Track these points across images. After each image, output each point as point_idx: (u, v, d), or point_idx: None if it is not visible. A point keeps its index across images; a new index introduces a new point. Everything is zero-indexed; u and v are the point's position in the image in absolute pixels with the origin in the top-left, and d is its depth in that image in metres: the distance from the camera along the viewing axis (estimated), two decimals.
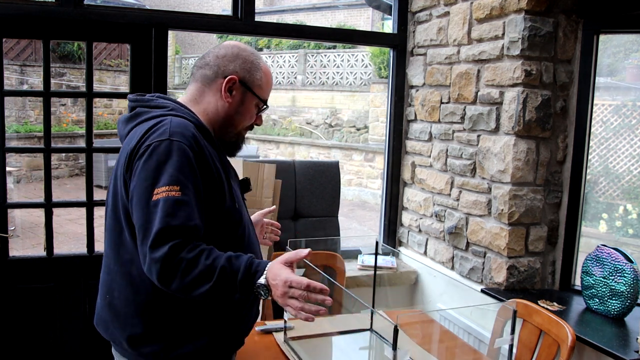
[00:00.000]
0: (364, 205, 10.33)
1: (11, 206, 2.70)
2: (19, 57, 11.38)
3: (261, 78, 1.57)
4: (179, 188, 1.32)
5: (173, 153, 1.35)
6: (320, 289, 1.29)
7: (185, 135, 1.39)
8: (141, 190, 1.35)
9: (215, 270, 1.30)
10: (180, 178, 1.34)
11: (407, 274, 3.11)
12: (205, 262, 1.30)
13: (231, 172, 1.61)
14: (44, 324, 2.61)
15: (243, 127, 1.60)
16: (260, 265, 1.34)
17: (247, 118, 1.58)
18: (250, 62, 1.56)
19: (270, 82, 1.61)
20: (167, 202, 1.31)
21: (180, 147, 1.36)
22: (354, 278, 2.97)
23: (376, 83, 11.35)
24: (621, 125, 3.17)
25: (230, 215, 1.49)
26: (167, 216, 1.30)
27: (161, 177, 1.33)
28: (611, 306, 2.20)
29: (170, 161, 1.35)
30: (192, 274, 1.29)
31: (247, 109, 1.57)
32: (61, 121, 11.58)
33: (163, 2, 18.19)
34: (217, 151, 1.53)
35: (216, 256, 1.32)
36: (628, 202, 3.23)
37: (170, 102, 1.53)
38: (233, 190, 1.52)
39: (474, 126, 2.62)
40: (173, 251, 1.29)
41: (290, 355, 1.95)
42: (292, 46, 14.52)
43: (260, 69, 1.57)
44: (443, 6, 2.84)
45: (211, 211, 1.43)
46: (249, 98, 1.56)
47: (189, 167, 1.36)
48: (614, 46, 2.78)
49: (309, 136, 12.79)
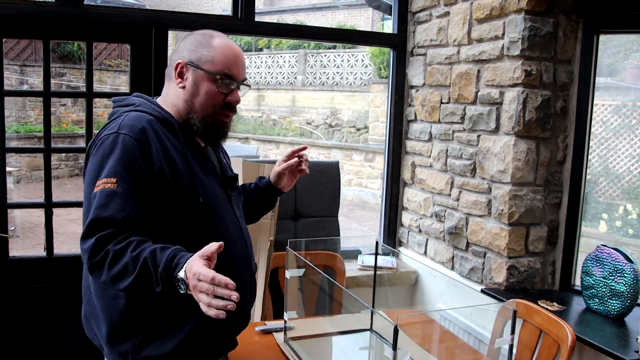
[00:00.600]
0: (364, 205, 10.33)
1: (11, 206, 2.70)
2: (19, 57, 11.37)
3: (209, 53, 1.49)
4: (115, 180, 1.33)
5: (117, 146, 1.37)
6: (225, 284, 1.17)
7: (133, 128, 1.39)
8: (86, 184, 1.39)
9: (139, 262, 1.26)
10: (119, 170, 1.34)
11: (407, 274, 3.11)
12: (131, 254, 1.27)
13: (207, 165, 1.56)
14: (44, 324, 2.61)
15: (206, 110, 1.51)
16: (182, 258, 1.27)
17: (208, 98, 1.50)
18: (197, 42, 1.51)
19: (229, 54, 1.51)
20: (102, 194, 1.32)
21: (125, 140, 1.37)
22: (354, 278, 2.97)
23: (376, 83, 11.35)
24: (621, 125, 3.17)
25: (191, 210, 1.44)
26: (98, 208, 1.31)
27: (103, 170, 1.35)
28: (611, 306, 2.20)
29: (113, 154, 1.36)
30: (118, 266, 1.27)
31: (202, 88, 1.50)
32: (61, 121, 11.58)
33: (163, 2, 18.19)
34: (186, 144, 1.50)
35: (143, 248, 1.29)
36: (628, 202, 3.23)
37: (139, 99, 1.53)
38: (199, 184, 1.47)
39: (474, 126, 2.62)
40: (100, 242, 1.29)
41: (290, 356, 1.95)
42: (292, 46, 14.52)
43: (210, 45, 1.50)
44: (443, 6, 2.84)
45: (164, 204, 1.40)
46: (200, 77, 1.49)
47: (131, 159, 1.36)
48: (614, 46, 2.78)
49: (309, 136, 12.79)
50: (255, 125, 13.72)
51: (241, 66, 1.54)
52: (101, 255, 1.29)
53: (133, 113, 1.46)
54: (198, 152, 1.55)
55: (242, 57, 1.55)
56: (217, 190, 1.56)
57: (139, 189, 1.36)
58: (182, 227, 1.44)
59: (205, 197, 1.48)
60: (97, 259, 1.29)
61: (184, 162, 1.46)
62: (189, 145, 1.52)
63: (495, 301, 2.42)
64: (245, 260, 1.61)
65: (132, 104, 1.52)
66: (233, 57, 1.51)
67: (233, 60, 1.51)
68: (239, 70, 1.53)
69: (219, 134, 1.57)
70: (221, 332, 1.55)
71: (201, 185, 1.48)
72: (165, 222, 1.42)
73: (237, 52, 1.52)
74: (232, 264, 1.53)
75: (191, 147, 1.53)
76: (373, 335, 2.20)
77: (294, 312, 2.17)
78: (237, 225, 1.61)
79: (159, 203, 1.40)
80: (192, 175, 1.46)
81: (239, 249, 1.58)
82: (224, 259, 1.40)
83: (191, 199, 1.44)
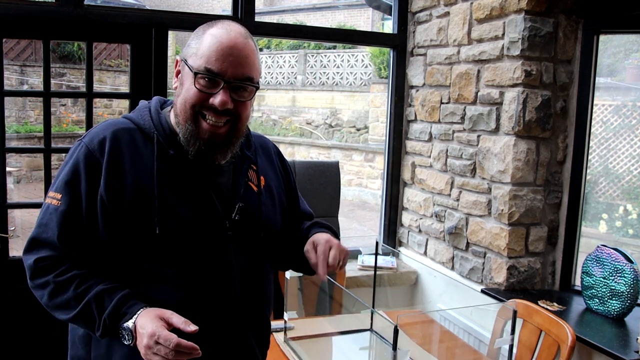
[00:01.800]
0: (364, 205, 10.33)
1: (11, 206, 2.70)
2: (19, 57, 11.37)
3: (198, 44, 1.22)
4: (60, 197, 1.21)
5: (74, 156, 1.24)
6: (190, 348, 1.07)
7: (94, 138, 1.24)
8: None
9: (82, 301, 1.17)
10: (67, 184, 1.21)
11: (407, 274, 3.11)
12: (74, 291, 1.18)
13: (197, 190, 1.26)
14: (43, 324, 2.61)
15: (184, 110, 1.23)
16: (132, 307, 1.15)
17: (186, 98, 1.22)
18: (194, 33, 1.26)
19: (214, 45, 1.20)
20: (47, 210, 1.23)
21: (81, 150, 1.23)
22: (354, 278, 2.97)
23: (376, 83, 11.35)
24: (621, 125, 3.17)
25: (145, 241, 1.20)
26: (40, 226, 1.23)
27: (57, 180, 1.25)
28: (611, 306, 2.20)
29: (68, 164, 1.24)
30: (59, 299, 1.20)
31: (184, 86, 1.24)
32: (61, 121, 11.57)
33: (163, 2, 18.19)
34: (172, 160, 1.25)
35: (88, 286, 1.18)
36: (628, 202, 3.23)
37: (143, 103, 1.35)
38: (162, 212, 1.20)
39: (474, 126, 2.62)
40: (39, 266, 1.21)
41: (291, 356, 1.95)
42: (292, 46, 14.51)
43: (201, 36, 1.23)
44: (443, 6, 2.84)
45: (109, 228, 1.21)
46: (185, 74, 1.24)
47: (77, 173, 1.21)
48: (614, 46, 2.78)
49: (309, 136, 12.79)
50: (255, 126, 13.71)
51: (234, 61, 1.20)
52: (41, 282, 1.21)
53: (110, 120, 1.30)
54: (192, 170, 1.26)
55: (242, 50, 1.21)
56: (205, 224, 1.25)
57: (82, 207, 1.21)
58: (134, 260, 1.22)
59: (167, 229, 1.20)
60: (37, 284, 1.23)
61: (149, 183, 1.21)
62: (176, 162, 1.25)
63: (495, 301, 2.42)
64: (231, 316, 1.28)
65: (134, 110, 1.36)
66: (221, 48, 1.19)
67: (220, 52, 1.19)
68: (229, 65, 1.20)
69: (209, 146, 1.24)
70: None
71: (165, 213, 1.21)
72: (111, 248, 1.22)
73: (230, 43, 1.20)
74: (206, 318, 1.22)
75: (179, 164, 1.25)
76: (373, 335, 2.20)
77: (294, 312, 2.17)
78: (229, 271, 1.27)
79: (103, 225, 1.21)
80: (155, 201, 1.20)
81: (224, 300, 1.26)
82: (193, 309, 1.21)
83: (144, 228, 1.20)
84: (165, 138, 1.26)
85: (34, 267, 1.21)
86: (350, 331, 2.31)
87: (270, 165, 1.49)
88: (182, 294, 1.22)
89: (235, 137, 1.27)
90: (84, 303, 1.17)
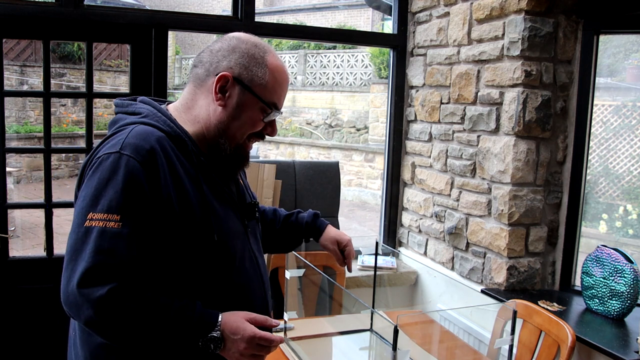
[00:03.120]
0: (364, 205, 10.33)
1: (11, 206, 2.70)
2: (19, 57, 11.37)
3: (264, 75, 1.27)
4: (119, 218, 1.12)
5: (119, 171, 1.14)
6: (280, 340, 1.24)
7: (139, 149, 1.16)
8: (77, 210, 1.17)
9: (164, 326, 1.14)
10: (123, 204, 1.13)
11: (407, 275, 3.11)
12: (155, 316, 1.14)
13: (224, 193, 1.32)
14: (43, 324, 2.61)
15: (241, 137, 1.30)
16: (212, 317, 1.19)
17: (246, 126, 1.28)
18: (250, 55, 1.27)
19: (281, 81, 1.30)
20: (103, 235, 1.11)
21: (129, 164, 1.14)
22: (353, 278, 2.97)
23: (376, 83, 11.36)
24: (621, 125, 3.17)
25: (204, 249, 1.23)
26: (102, 252, 1.10)
27: (100, 199, 1.13)
28: (611, 307, 2.20)
29: (114, 181, 1.14)
30: (136, 327, 1.12)
31: (246, 113, 1.28)
32: (61, 121, 11.58)
33: (163, 3, 18.20)
34: (202, 169, 1.27)
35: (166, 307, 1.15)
36: (628, 202, 3.23)
37: (147, 108, 1.29)
38: (214, 219, 1.24)
39: (474, 126, 2.62)
40: (114, 296, 1.09)
41: (290, 356, 1.95)
42: (292, 47, 14.52)
43: (264, 64, 1.27)
44: (443, 7, 2.84)
45: (172, 241, 1.19)
46: (247, 100, 1.27)
47: (137, 189, 1.14)
48: (614, 47, 2.78)
49: (309, 136, 12.79)
50: None
51: (285, 95, 1.35)
52: (116, 312, 1.11)
53: (140, 128, 1.21)
54: (214, 177, 1.30)
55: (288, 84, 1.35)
56: (234, 223, 1.33)
57: (147, 226, 1.16)
58: (193, 267, 1.23)
59: (221, 234, 1.26)
60: (111, 314, 1.11)
61: (197, 192, 1.23)
62: (204, 170, 1.28)
63: (495, 301, 2.42)
64: (262, 295, 1.42)
65: (139, 113, 1.29)
66: (285, 83, 1.32)
67: (284, 87, 1.32)
68: (284, 98, 1.35)
69: (243, 162, 1.36)
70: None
71: (217, 219, 1.25)
72: (173, 260, 1.21)
73: (288, 77, 1.33)
74: (249, 302, 1.34)
75: (206, 171, 1.29)
76: (373, 335, 2.20)
77: (294, 312, 2.17)
78: (255, 260, 1.40)
79: (167, 240, 1.19)
80: (207, 207, 1.24)
81: (256, 285, 1.39)
82: (241, 298, 1.32)
83: (204, 236, 1.22)
84: (194, 145, 1.29)
85: (106, 296, 1.09)
86: (350, 331, 2.31)
87: None
88: (231, 290, 1.30)
89: None
90: (167, 327, 1.14)
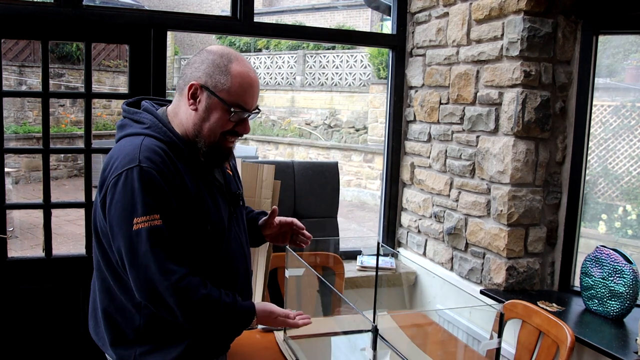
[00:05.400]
0: (363, 206, 10.33)
1: (10, 207, 2.70)
2: (17, 57, 11.37)
3: (227, 81, 1.46)
4: (159, 216, 1.37)
5: (146, 180, 1.38)
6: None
7: (154, 161, 1.40)
8: (118, 219, 1.39)
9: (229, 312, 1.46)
10: (157, 205, 1.38)
11: (406, 275, 3.11)
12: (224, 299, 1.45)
13: (214, 185, 1.57)
14: (42, 325, 2.60)
15: (214, 136, 1.50)
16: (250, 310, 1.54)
17: (216, 126, 1.49)
18: (216, 65, 1.47)
19: (244, 84, 1.48)
20: (153, 233, 1.36)
21: (150, 173, 1.38)
22: (353, 279, 2.96)
23: (375, 84, 11.36)
24: (620, 126, 3.17)
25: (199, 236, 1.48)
26: (158, 246, 1.36)
27: (137, 205, 1.36)
28: (610, 307, 2.19)
29: (144, 189, 1.37)
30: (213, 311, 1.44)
31: (214, 115, 1.48)
32: (60, 122, 11.56)
33: (162, 3, 18.20)
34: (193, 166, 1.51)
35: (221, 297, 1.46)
36: (627, 203, 3.23)
37: (150, 119, 1.51)
38: (207, 210, 1.50)
39: (473, 127, 2.62)
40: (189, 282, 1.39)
41: (288, 355, 1.94)
42: (291, 47, 14.52)
43: (227, 72, 1.47)
44: (442, 7, 2.84)
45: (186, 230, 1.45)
46: (214, 103, 1.47)
47: (161, 192, 1.39)
48: (613, 47, 2.78)
49: (308, 137, 12.79)
50: (254, 126, 13.70)
51: (256, 95, 1.52)
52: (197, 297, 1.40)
53: (147, 142, 1.45)
54: (205, 172, 1.54)
55: (258, 85, 1.53)
56: (223, 211, 1.57)
57: (175, 219, 1.41)
58: (192, 246, 1.48)
59: (213, 220, 1.51)
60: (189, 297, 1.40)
61: (195, 188, 1.48)
62: (197, 167, 1.52)
63: (490, 302, 2.41)
64: (246, 274, 1.67)
65: (143, 122, 1.51)
66: (249, 87, 1.49)
67: (249, 91, 1.49)
68: (253, 99, 1.51)
69: (223, 158, 1.56)
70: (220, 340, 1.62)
71: (209, 210, 1.50)
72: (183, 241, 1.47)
73: (253, 81, 1.50)
74: (235, 280, 1.60)
75: (198, 168, 1.52)
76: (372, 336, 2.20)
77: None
78: (239, 242, 1.64)
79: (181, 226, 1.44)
80: (202, 199, 1.49)
81: (241, 265, 1.63)
82: (228, 268, 1.57)
83: (200, 222, 1.48)
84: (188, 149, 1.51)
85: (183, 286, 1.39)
86: (350, 331, 2.30)
87: None
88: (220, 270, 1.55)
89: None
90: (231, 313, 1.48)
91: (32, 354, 2.60)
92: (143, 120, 1.52)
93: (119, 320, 1.52)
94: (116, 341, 1.52)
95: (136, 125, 1.52)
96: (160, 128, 1.49)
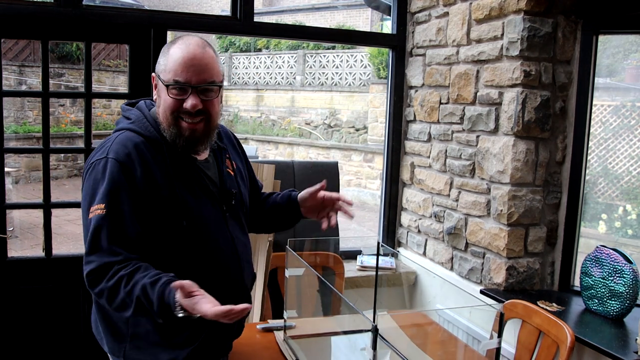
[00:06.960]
0: (363, 206, 10.33)
1: (10, 207, 2.70)
2: (17, 57, 11.36)
3: (165, 61, 1.49)
4: (104, 206, 1.40)
5: (107, 171, 1.43)
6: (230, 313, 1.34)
7: (120, 153, 1.45)
8: (83, 208, 1.47)
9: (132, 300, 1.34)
10: (110, 196, 1.41)
11: (406, 275, 3.11)
12: (124, 290, 1.35)
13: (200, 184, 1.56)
14: (42, 324, 2.60)
15: (167, 117, 1.50)
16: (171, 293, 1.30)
17: (166, 107, 1.49)
18: (162, 51, 1.53)
19: (179, 60, 1.45)
20: (95, 221, 1.40)
21: (114, 165, 1.43)
22: (353, 279, 2.96)
23: (375, 84, 11.35)
24: (620, 125, 3.17)
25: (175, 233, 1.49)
26: (93, 236, 1.40)
27: (96, 195, 1.42)
28: (610, 307, 2.19)
29: (104, 179, 1.43)
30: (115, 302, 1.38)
31: (161, 97, 1.51)
32: (60, 122, 11.56)
33: (162, 3, 18.20)
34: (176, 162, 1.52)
35: (134, 283, 1.35)
36: (627, 202, 3.23)
37: (136, 114, 1.56)
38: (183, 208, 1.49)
39: (473, 127, 2.62)
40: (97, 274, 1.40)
41: (288, 355, 1.94)
42: (291, 47, 14.51)
43: (166, 54, 1.49)
44: (442, 7, 2.84)
45: (148, 226, 1.46)
46: (160, 87, 1.51)
47: (119, 183, 1.42)
48: (613, 47, 2.78)
49: (308, 137, 12.79)
50: (254, 126, 13.71)
51: (196, 69, 1.45)
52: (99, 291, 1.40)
53: (122, 135, 1.50)
54: (190, 169, 1.54)
55: (201, 60, 1.46)
56: (208, 210, 1.56)
57: (129, 210, 1.43)
58: (168, 248, 1.49)
59: (191, 220, 1.51)
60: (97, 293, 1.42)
61: (168, 186, 1.48)
62: (179, 164, 1.52)
63: (490, 302, 2.41)
64: (238, 275, 1.63)
65: (129, 118, 1.57)
66: (183, 61, 1.45)
67: (183, 64, 1.45)
68: (190, 74, 1.45)
69: (191, 141, 1.52)
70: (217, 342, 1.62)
71: (186, 208, 1.50)
72: (151, 242, 1.47)
73: (190, 55, 1.46)
74: (222, 280, 1.57)
75: (181, 165, 1.53)
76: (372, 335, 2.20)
77: (293, 311, 2.17)
78: (231, 242, 1.61)
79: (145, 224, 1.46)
80: (177, 198, 1.49)
81: (232, 264, 1.61)
82: (213, 276, 1.54)
83: (174, 222, 1.48)
84: (169, 144, 1.51)
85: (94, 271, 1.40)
86: (350, 331, 2.30)
87: (234, 150, 1.79)
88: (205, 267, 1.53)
89: (210, 130, 1.55)
90: (135, 301, 1.34)
91: (32, 354, 2.60)
92: (130, 116, 1.58)
93: (110, 313, 1.55)
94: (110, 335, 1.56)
95: (125, 121, 1.57)
96: (144, 123, 1.54)
